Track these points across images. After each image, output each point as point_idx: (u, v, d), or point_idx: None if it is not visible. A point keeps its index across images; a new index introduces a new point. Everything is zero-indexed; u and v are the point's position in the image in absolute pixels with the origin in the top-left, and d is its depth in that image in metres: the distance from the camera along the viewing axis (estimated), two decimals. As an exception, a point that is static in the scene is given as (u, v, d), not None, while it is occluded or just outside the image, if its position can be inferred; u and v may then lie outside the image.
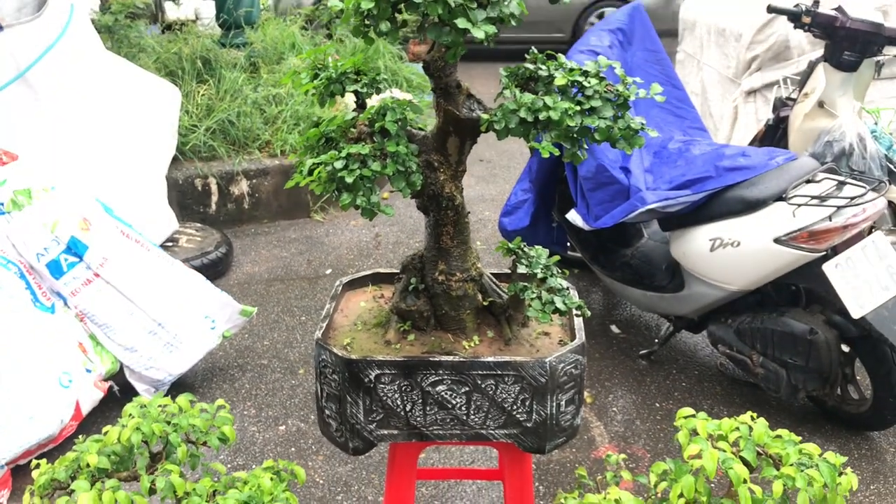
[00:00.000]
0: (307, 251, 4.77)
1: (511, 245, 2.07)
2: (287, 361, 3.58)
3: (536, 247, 2.10)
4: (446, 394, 1.95)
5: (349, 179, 1.71)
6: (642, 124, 1.78)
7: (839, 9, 3.73)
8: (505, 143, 6.37)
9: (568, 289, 2.04)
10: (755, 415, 1.86)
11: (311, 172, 1.79)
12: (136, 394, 3.23)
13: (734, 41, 5.41)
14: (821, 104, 3.89)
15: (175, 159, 4.79)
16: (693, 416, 1.88)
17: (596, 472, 2.90)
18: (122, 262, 3.18)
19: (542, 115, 1.71)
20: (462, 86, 1.93)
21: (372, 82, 1.96)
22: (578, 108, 1.73)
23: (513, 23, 1.75)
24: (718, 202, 3.01)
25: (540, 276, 1.99)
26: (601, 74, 1.81)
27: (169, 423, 1.87)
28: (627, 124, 1.76)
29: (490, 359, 1.93)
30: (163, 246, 4.30)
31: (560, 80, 1.77)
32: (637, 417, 3.21)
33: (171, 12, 7.77)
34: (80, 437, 1.92)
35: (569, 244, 3.99)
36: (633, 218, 3.13)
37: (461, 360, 1.93)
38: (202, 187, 4.86)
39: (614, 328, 3.90)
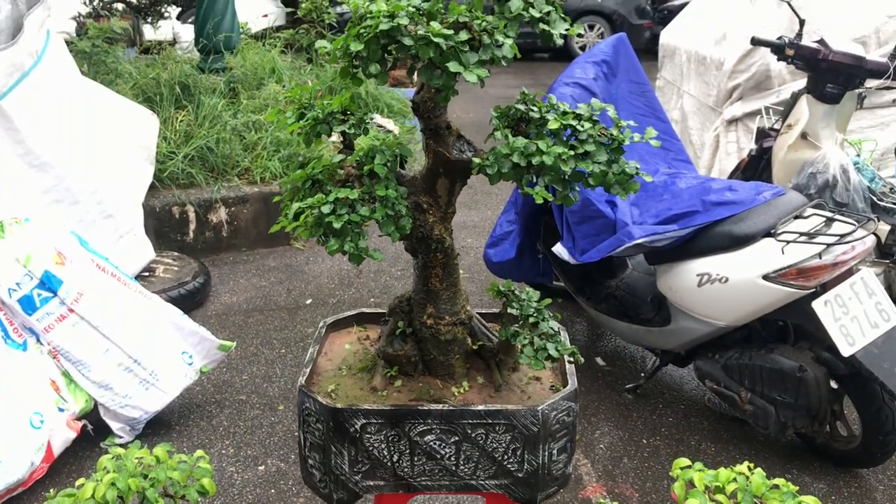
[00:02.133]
0: (287, 280, 4.70)
1: (501, 287, 2.02)
2: (266, 397, 3.50)
3: (527, 289, 2.05)
4: (435, 444, 1.89)
5: (337, 225, 1.66)
6: (637, 169, 1.74)
7: (821, 42, 3.74)
8: (486, 169, 6.36)
9: (559, 332, 2.00)
10: (752, 465, 1.82)
11: (297, 217, 1.74)
12: (110, 432, 3.13)
13: (715, 70, 5.43)
14: (804, 135, 3.89)
15: (152, 187, 4.70)
16: (689, 466, 1.83)
17: (584, 513, 2.84)
18: (98, 296, 3.09)
19: (535, 160, 1.66)
20: (452, 127, 1.89)
21: (359, 122, 1.91)
22: (572, 152, 1.69)
23: (504, 64, 1.71)
24: (706, 237, 2.98)
25: (532, 319, 1.94)
26: (594, 117, 1.78)
27: (146, 476, 1.79)
28: (622, 169, 1.72)
29: (481, 407, 1.87)
30: (139, 276, 4.21)
31: (553, 123, 1.73)
32: (624, 454, 3.16)
33: (150, 34, 7.70)
34: (51, 490, 1.83)
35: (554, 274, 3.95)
36: (620, 252, 3.10)
37: (451, 408, 1.87)
38: (180, 215, 4.78)
39: (599, 360, 3.85)
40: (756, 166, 4.19)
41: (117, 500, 1.72)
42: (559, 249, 3.34)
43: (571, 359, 1.93)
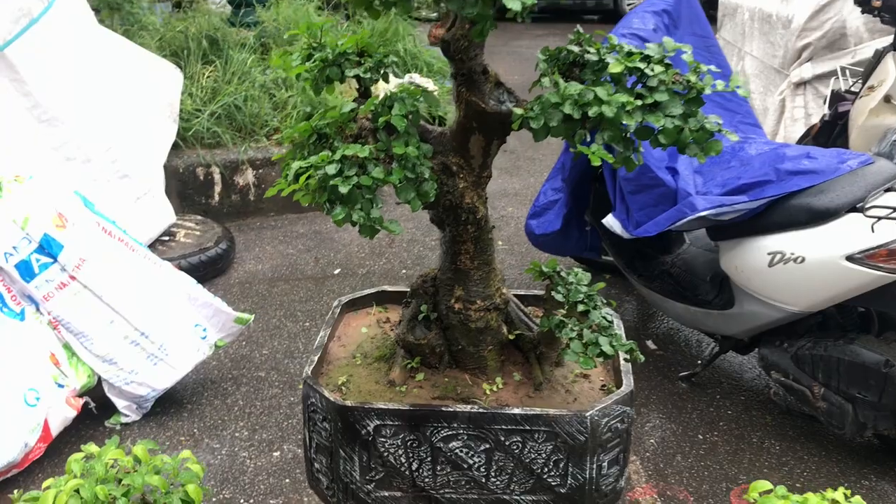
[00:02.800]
0: (315, 248, 4.42)
1: (545, 268, 1.70)
2: (287, 374, 3.23)
3: (576, 269, 1.72)
4: (462, 451, 1.59)
5: (343, 189, 1.35)
6: (719, 125, 1.40)
7: (914, -9, 3.31)
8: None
9: (613, 324, 1.67)
10: (848, 492, 1.48)
11: (297, 178, 1.43)
12: (116, 411, 2.90)
13: (782, 28, 4.98)
14: (888, 98, 3.48)
15: (175, 146, 4.44)
16: (770, 491, 1.51)
17: (632, 518, 2.54)
18: (103, 263, 2.84)
19: (592, 112, 1.33)
20: (489, 71, 1.56)
21: (378, 65, 1.59)
22: (639, 102, 1.36)
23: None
24: (780, 211, 2.62)
25: (581, 308, 1.62)
26: (667, 60, 1.43)
27: (120, 481, 1.52)
28: (701, 124, 1.37)
29: (517, 410, 1.56)
30: (159, 240, 3.97)
31: (615, 66, 1.39)
32: (678, 451, 2.83)
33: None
34: (15, 493, 1.57)
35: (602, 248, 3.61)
36: (681, 226, 2.75)
37: (481, 410, 1.57)
38: (204, 177, 4.51)
39: (650, 344, 3.51)
40: (829, 133, 3.79)
41: (84, 510, 1.46)
42: (610, 221, 2.99)
43: (628, 356, 1.61)
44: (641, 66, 1.37)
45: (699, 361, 3.24)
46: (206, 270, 3.93)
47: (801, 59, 4.83)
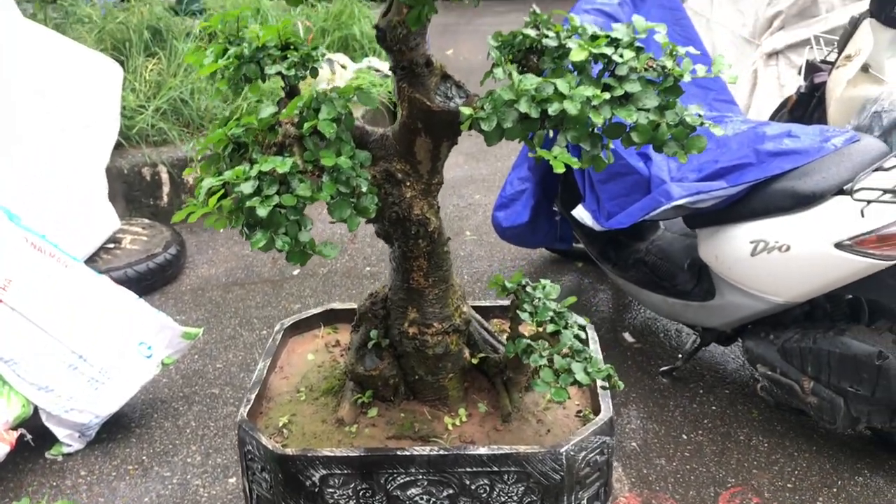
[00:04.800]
0: (273, 247, 4.18)
1: (508, 283, 1.50)
2: (242, 390, 3.01)
3: (545, 282, 1.53)
4: (422, 499, 1.39)
5: (262, 212, 1.13)
6: (701, 117, 1.20)
7: (889, -47, 3.14)
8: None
9: (588, 337, 1.48)
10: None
11: (212, 197, 1.21)
12: (55, 441, 2.67)
13: (751, -4, 4.80)
14: (865, 68, 3.31)
15: (118, 146, 4.17)
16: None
17: (616, 533, 2.37)
18: (33, 282, 2.60)
19: (552, 109, 1.12)
20: (434, 63, 1.35)
21: (304, 60, 1.37)
22: (607, 95, 1.15)
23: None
24: (761, 196, 2.44)
25: (551, 328, 1.42)
26: (638, 43, 1.23)
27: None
28: (680, 118, 1.18)
29: (483, 450, 1.36)
30: (103, 248, 3.72)
31: (578, 52, 1.18)
32: (661, 454, 2.67)
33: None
34: None
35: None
36: (656, 216, 2.57)
37: (442, 452, 1.37)
38: (151, 177, 4.26)
39: (627, 336, 3.34)
40: (806, 105, 3.62)
41: None
42: (580, 213, 2.81)
43: (606, 383, 1.41)
44: (608, 51, 1.17)
45: (679, 355, 3.07)
46: (156, 278, 3.70)
47: (772, 28, 4.65)
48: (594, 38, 1.21)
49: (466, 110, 1.18)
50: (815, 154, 2.40)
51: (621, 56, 1.17)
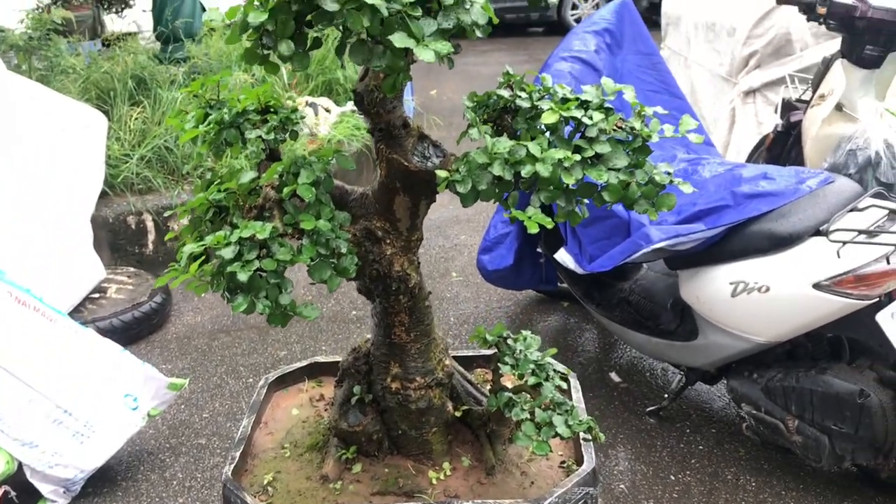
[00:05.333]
0: (259, 293, 4.19)
1: (489, 336, 1.52)
2: (229, 440, 3.00)
3: (525, 334, 1.54)
4: (407, 556, 1.40)
5: (243, 277, 1.15)
6: (670, 175, 1.23)
7: (857, -5, 3.22)
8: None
9: (571, 394, 1.50)
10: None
11: (195, 261, 1.23)
12: (40, 497, 2.64)
13: (726, 36, 4.89)
14: (839, 107, 3.37)
15: (103, 195, 4.19)
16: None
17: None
18: (17, 337, 2.60)
19: (525, 171, 1.16)
20: (410, 125, 1.38)
21: (284, 123, 1.39)
22: (578, 156, 1.18)
23: (478, 33, 1.20)
24: (740, 238, 2.48)
25: (531, 381, 1.44)
26: (607, 104, 1.26)
27: None
28: (650, 177, 1.21)
29: (466, 506, 1.38)
30: (89, 298, 3.72)
31: (549, 116, 1.21)
32: (650, 496, 2.67)
33: (112, 25, 7.16)
34: None
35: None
36: (637, 259, 2.60)
37: (426, 509, 1.38)
38: (136, 225, 4.27)
39: (614, 376, 3.35)
40: (783, 144, 3.68)
41: None
42: (563, 256, 2.84)
43: (588, 435, 1.43)
44: (578, 114, 1.20)
45: (666, 394, 3.08)
46: (142, 327, 3.70)
47: (748, 67, 4.74)
48: (565, 100, 1.24)
49: (442, 173, 1.21)
50: (791, 196, 2.44)
51: (591, 118, 1.21)
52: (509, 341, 1.51)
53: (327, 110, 5.58)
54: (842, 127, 3.35)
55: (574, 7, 11.84)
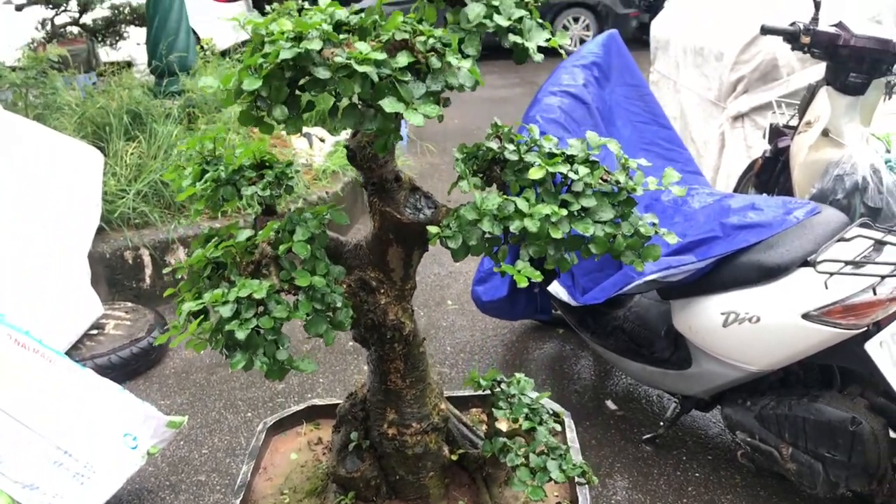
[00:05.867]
0: (256, 325, 4.21)
1: (483, 381, 1.55)
2: (228, 476, 3.02)
3: (519, 377, 1.57)
4: None
5: (241, 335, 1.18)
6: (655, 226, 1.27)
7: (840, 25, 3.27)
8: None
9: (566, 433, 1.52)
10: None
11: (195, 318, 1.26)
12: (41, 539, 2.65)
13: (714, 61, 4.96)
14: (825, 133, 3.42)
15: (100, 230, 4.22)
16: None
17: None
18: (17, 380, 2.61)
19: (514, 227, 1.19)
20: (403, 178, 1.42)
21: (280, 178, 1.43)
22: (564, 211, 1.22)
23: (467, 88, 1.24)
24: (730, 269, 2.51)
25: (525, 425, 1.47)
26: (592, 158, 1.30)
27: None
28: (635, 228, 1.25)
29: (463, 551, 1.40)
30: (87, 335, 3.73)
31: (536, 172, 1.25)
32: (647, 526, 2.69)
33: (107, 56, 7.22)
34: None
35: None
36: (629, 291, 2.63)
37: (424, 554, 1.40)
38: (133, 260, 4.29)
39: (610, 404, 3.37)
40: (772, 169, 3.73)
41: None
42: (556, 289, 2.87)
43: (583, 479, 1.45)
44: (564, 169, 1.24)
45: (662, 422, 3.10)
46: (140, 362, 3.72)
47: (736, 92, 4.80)
48: (552, 155, 1.28)
49: (433, 229, 1.25)
50: (779, 227, 2.48)
51: (576, 172, 1.24)
52: (503, 385, 1.54)
53: (322, 140, 5.63)
54: (829, 153, 3.39)
55: (564, 28, 11.95)
